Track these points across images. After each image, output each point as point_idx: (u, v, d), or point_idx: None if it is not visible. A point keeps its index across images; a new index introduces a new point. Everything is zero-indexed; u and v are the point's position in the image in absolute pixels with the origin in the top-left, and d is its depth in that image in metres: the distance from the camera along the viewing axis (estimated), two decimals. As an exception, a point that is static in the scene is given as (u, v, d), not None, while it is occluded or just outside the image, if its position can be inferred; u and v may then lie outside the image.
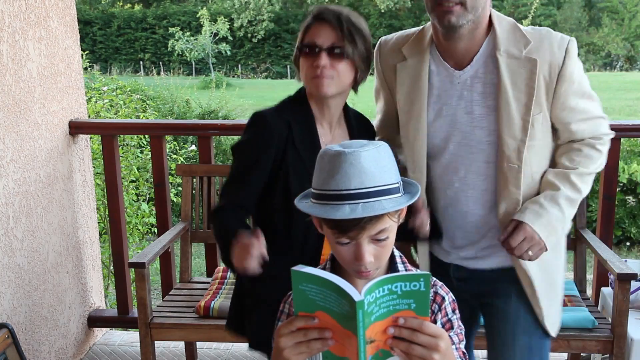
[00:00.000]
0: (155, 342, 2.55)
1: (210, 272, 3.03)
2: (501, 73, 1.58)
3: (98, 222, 3.28)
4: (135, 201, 4.92)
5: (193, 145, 7.29)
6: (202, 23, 26.72)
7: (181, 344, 3.00)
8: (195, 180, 2.93)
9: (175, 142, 7.41)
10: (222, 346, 3.06)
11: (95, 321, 3.12)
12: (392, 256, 1.25)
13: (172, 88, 11.83)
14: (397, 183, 1.17)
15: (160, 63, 30.98)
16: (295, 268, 1.04)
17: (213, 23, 26.91)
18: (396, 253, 1.26)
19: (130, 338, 3.21)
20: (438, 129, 1.68)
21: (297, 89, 1.76)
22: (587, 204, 3.32)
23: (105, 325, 3.20)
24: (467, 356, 1.25)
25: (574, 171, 1.65)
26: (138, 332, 2.57)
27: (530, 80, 1.58)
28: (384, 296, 1.01)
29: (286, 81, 28.94)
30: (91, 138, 3.51)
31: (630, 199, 6.35)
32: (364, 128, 1.83)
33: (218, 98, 11.13)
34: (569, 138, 1.69)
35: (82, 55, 3.72)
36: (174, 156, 6.00)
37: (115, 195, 3.05)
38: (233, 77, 28.18)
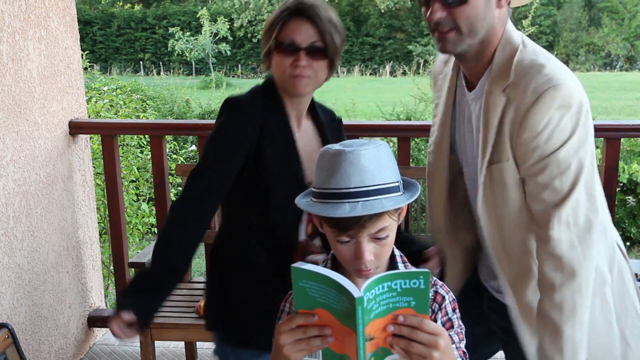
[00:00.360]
0: (155, 342, 2.55)
1: (210, 272, 3.02)
2: (483, 107, 1.45)
3: (98, 222, 3.28)
4: (135, 201, 4.92)
5: (193, 145, 7.29)
6: (202, 23, 26.70)
7: (181, 344, 3.00)
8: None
9: (175, 142, 7.41)
10: (222, 346, 3.06)
11: (95, 321, 3.12)
12: (393, 255, 1.25)
13: (172, 88, 11.83)
14: (397, 182, 1.17)
15: (160, 63, 30.98)
16: (295, 265, 1.04)
17: (213, 23, 26.89)
18: (396, 252, 1.27)
19: (130, 338, 3.21)
20: (457, 147, 1.62)
21: (265, 80, 1.71)
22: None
23: (105, 325, 3.20)
24: (467, 355, 1.25)
25: (544, 302, 1.38)
26: (138, 332, 2.57)
27: (498, 120, 1.40)
28: (384, 293, 1.01)
29: (286, 81, 28.86)
30: (91, 138, 3.50)
31: (630, 199, 6.34)
32: (330, 118, 1.80)
33: (218, 98, 11.12)
34: (531, 203, 1.42)
35: (82, 55, 3.72)
36: (174, 156, 6.00)
37: (115, 195, 3.04)
38: (233, 77, 28.18)
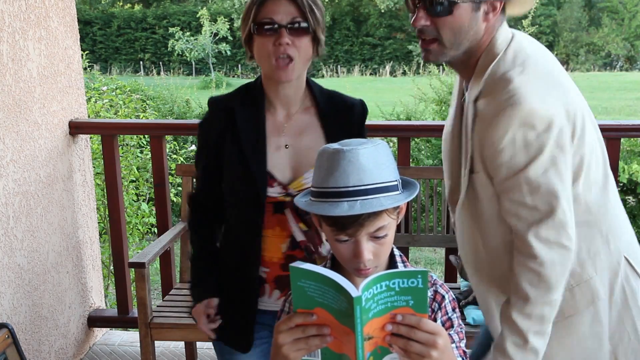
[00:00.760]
0: (155, 342, 2.55)
1: (210, 272, 3.02)
2: (464, 116, 1.44)
3: (98, 222, 3.28)
4: (135, 201, 4.93)
5: (193, 145, 7.29)
6: (202, 23, 26.71)
7: (181, 344, 3.00)
8: (195, 180, 2.92)
9: (175, 142, 7.41)
10: (222, 346, 3.06)
11: (95, 321, 3.12)
12: (392, 255, 1.25)
13: (172, 88, 11.85)
14: (396, 181, 1.18)
15: (160, 63, 30.98)
16: (294, 264, 1.04)
17: (213, 23, 26.89)
18: (396, 252, 1.27)
19: (130, 338, 3.21)
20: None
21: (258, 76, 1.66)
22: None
23: (105, 325, 3.20)
24: (467, 355, 1.25)
25: (512, 307, 1.37)
26: (138, 332, 2.57)
27: (469, 128, 1.39)
28: (382, 292, 1.01)
29: (286, 81, 28.85)
30: (91, 138, 3.50)
31: (630, 199, 6.35)
32: (342, 108, 1.65)
33: (218, 98, 11.11)
34: (505, 215, 1.40)
35: (82, 55, 3.72)
36: (174, 156, 6.00)
37: (115, 195, 3.05)
38: (233, 77, 28.17)
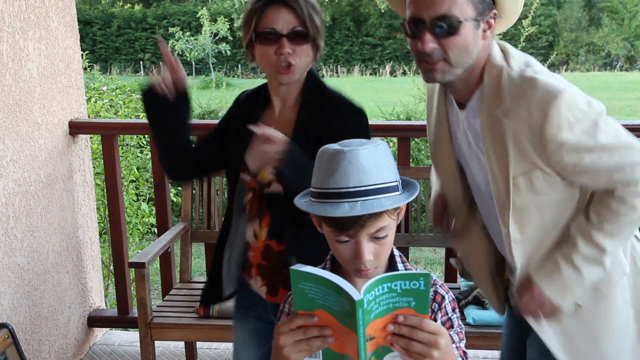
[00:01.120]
0: (155, 342, 2.55)
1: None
2: (484, 129, 1.45)
3: (98, 222, 3.28)
4: (135, 201, 4.92)
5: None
6: (202, 23, 26.71)
7: (181, 344, 3.00)
8: (195, 180, 2.93)
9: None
10: (222, 346, 3.06)
11: (95, 321, 3.12)
12: (392, 255, 1.25)
13: (172, 88, 11.81)
14: (396, 181, 1.17)
15: (160, 63, 30.94)
16: (294, 267, 1.04)
17: (213, 23, 26.90)
18: (396, 252, 1.27)
19: (130, 338, 3.21)
20: (461, 161, 1.62)
21: None
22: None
23: (105, 325, 3.20)
24: (467, 355, 1.25)
25: (598, 230, 1.45)
26: (138, 332, 2.58)
27: (502, 142, 1.41)
28: (384, 294, 1.01)
29: (286, 81, 28.84)
30: (91, 138, 3.50)
31: (630, 199, 6.33)
32: (315, 108, 1.65)
33: (218, 98, 11.14)
34: (594, 189, 1.48)
35: (82, 55, 3.72)
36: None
37: (115, 195, 3.05)
38: (233, 77, 28.18)
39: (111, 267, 4.02)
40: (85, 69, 8.22)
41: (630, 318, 1.54)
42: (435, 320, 1.22)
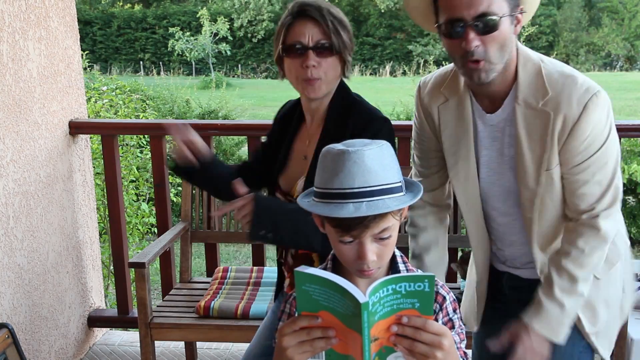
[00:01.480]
0: (155, 342, 2.55)
1: (210, 272, 3.03)
2: (517, 123, 1.51)
3: (98, 222, 3.28)
4: (135, 201, 4.92)
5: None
6: (202, 23, 26.73)
7: (181, 344, 3.00)
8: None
9: (175, 142, 7.40)
10: (222, 346, 3.06)
11: (95, 321, 3.12)
12: (394, 256, 1.25)
13: (172, 88, 11.83)
14: (400, 182, 1.17)
15: (160, 63, 30.99)
16: (298, 269, 1.04)
17: (213, 23, 26.91)
18: (397, 253, 1.27)
19: (130, 338, 3.21)
20: (480, 169, 1.65)
21: None
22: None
23: (105, 325, 3.20)
24: (468, 356, 1.25)
25: (567, 258, 1.53)
26: (138, 332, 2.57)
27: (544, 133, 1.49)
28: (388, 295, 1.02)
29: (286, 81, 28.88)
30: (91, 138, 3.50)
31: (630, 199, 6.35)
32: (345, 119, 1.69)
33: (218, 98, 11.13)
34: (573, 203, 1.54)
35: (82, 55, 3.72)
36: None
37: (115, 195, 3.05)
38: (233, 77, 28.19)
39: (111, 267, 4.02)
40: (85, 69, 8.23)
41: (618, 280, 1.69)
42: (436, 320, 1.22)
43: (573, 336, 1.58)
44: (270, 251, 4.39)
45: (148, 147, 4.58)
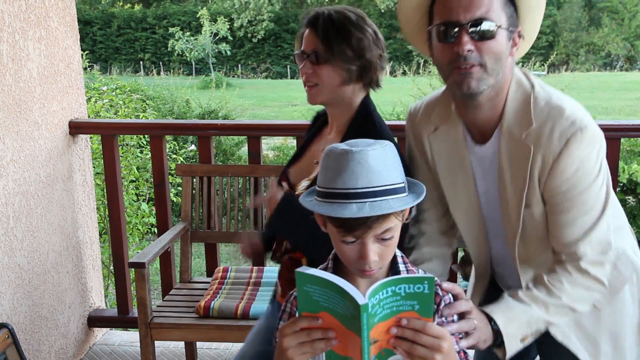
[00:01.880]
0: (155, 342, 2.55)
1: (210, 272, 3.03)
2: (501, 153, 1.42)
3: (98, 222, 3.28)
4: (135, 201, 4.93)
5: (193, 145, 7.29)
6: (202, 23, 26.75)
7: (181, 344, 3.00)
8: (195, 180, 2.93)
9: (175, 142, 7.41)
10: (222, 346, 3.06)
11: (95, 321, 3.12)
12: (394, 256, 1.25)
13: (172, 88, 11.85)
14: (403, 182, 1.17)
15: (160, 63, 31.01)
16: (299, 270, 1.04)
17: (213, 23, 26.93)
18: (398, 253, 1.27)
19: (130, 338, 3.21)
20: (480, 198, 1.57)
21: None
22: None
23: (105, 325, 3.20)
24: (468, 356, 1.25)
25: (540, 286, 1.41)
26: (138, 332, 2.58)
27: (524, 168, 1.38)
28: (388, 297, 1.02)
29: (286, 81, 28.91)
30: (91, 138, 3.51)
31: (630, 199, 6.34)
32: (360, 134, 1.74)
33: (218, 98, 11.15)
34: (552, 238, 1.45)
35: (82, 55, 3.72)
36: (174, 156, 6.00)
37: (115, 195, 3.05)
38: (233, 77, 28.21)
39: (111, 267, 4.02)
40: (85, 69, 8.23)
41: (636, 315, 1.55)
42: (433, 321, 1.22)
43: None
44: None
45: (148, 147, 4.58)
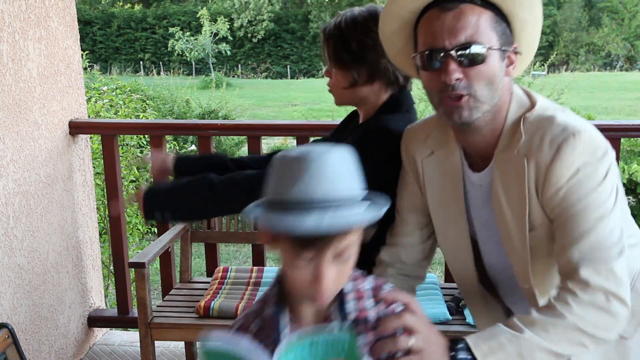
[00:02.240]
0: (155, 342, 2.55)
1: (210, 272, 3.03)
2: (494, 178, 1.32)
3: (98, 222, 3.28)
4: (135, 201, 4.92)
5: (193, 145, 7.29)
6: (202, 23, 26.75)
7: (181, 344, 3.00)
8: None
9: (175, 142, 7.42)
10: (222, 346, 3.06)
11: (95, 321, 3.12)
12: (343, 292, 1.10)
13: (172, 88, 11.84)
14: (363, 191, 1.06)
15: (160, 63, 31.01)
16: (207, 348, 1.00)
17: (213, 23, 26.93)
18: (349, 287, 1.10)
19: (130, 338, 3.21)
20: (478, 231, 1.47)
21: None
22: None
23: (105, 325, 3.20)
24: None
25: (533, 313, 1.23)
26: (138, 332, 2.57)
27: (521, 186, 1.27)
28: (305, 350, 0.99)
29: (286, 81, 28.93)
30: (91, 138, 3.50)
31: (630, 199, 6.34)
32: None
33: (218, 98, 11.15)
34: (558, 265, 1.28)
35: (82, 55, 3.72)
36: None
37: (115, 195, 3.05)
38: (233, 77, 28.20)
39: (111, 267, 4.02)
40: (85, 69, 8.23)
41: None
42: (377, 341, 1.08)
43: None
44: (270, 251, 4.39)
45: (148, 147, 4.58)
